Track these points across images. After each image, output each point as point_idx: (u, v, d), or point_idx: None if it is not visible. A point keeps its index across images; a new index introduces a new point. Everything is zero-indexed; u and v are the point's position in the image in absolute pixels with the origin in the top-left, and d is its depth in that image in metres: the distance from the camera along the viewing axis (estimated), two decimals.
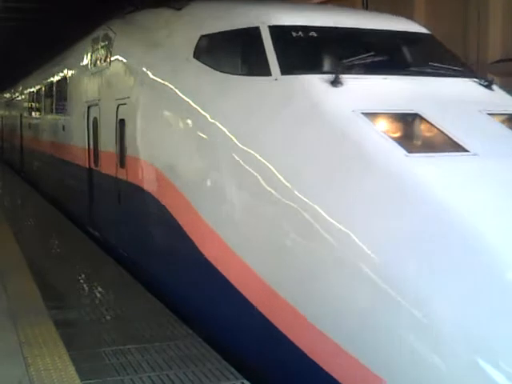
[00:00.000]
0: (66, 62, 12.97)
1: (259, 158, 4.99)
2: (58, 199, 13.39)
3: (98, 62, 9.47)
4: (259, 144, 5.11)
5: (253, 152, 5.08)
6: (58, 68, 14.11)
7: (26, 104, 20.28)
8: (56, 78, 13.98)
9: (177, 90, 6.46)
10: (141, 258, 7.58)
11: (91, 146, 9.91)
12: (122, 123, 8.03)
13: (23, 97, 21.27)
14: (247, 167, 5.08)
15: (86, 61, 10.48)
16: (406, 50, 6.26)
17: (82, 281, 7.48)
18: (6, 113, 27.37)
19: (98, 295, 6.85)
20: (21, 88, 22.25)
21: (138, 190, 7.33)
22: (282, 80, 5.44)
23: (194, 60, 6.36)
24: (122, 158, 8.08)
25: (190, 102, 6.15)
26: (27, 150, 19.49)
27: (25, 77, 22.12)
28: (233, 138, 5.35)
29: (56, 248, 9.40)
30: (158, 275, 6.97)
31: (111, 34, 8.99)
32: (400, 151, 4.47)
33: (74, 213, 11.51)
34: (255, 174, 4.96)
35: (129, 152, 7.71)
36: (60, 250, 9.22)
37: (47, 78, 15.43)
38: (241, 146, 5.23)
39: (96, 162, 9.61)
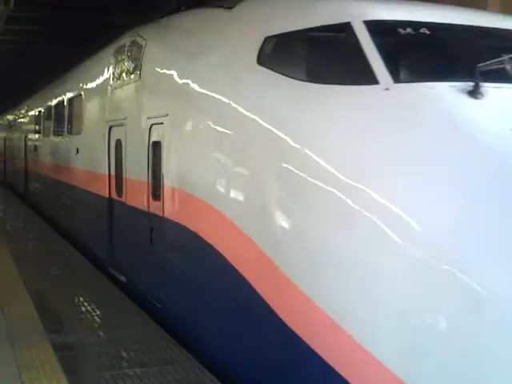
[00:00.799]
0: (81, 78, 11.59)
1: (379, 198, 3.57)
2: (69, 230, 11.94)
3: (124, 74, 8.09)
4: (377, 179, 3.68)
5: (367, 189, 3.65)
6: (70, 85, 12.75)
7: (31, 125, 18.94)
8: (68, 96, 12.58)
9: (238, 105, 5.06)
10: (180, 312, 6.14)
11: (112, 173, 8.50)
12: (156, 146, 6.62)
13: (28, 118, 19.93)
14: (359, 209, 3.65)
15: (106, 74, 9.10)
16: None
17: (80, 304, 7.37)
18: (9, 135, 26.03)
19: (97, 318, 6.76)
20: (25, 108, 20.94)
21: (180, 230, 5.90)
22: (396, 90, 4.04)
23: (259, 67, 4.98)
24: (155, 189, 6.65)
25: (260, 119, 4.74)
26: (32, 175, 18.07)
27: (30, 96, 20.88)
28: (333, 169, 3.91)
29: (55, 270, 9.18)
30: (208, 337, 5.54)
31: (141, 41, 7.62)
32: None
33: (90, 249, 10.04)
34: (374, 219, 3.53)
35: (166, 182, 6.28)
36: (59, 273, 9.05)
37: (57, 97, 14.08)
38: (346, 180, 3.80)
39: (119, 191, 8.18)
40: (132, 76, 7.67)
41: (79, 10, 14.35)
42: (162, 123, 6.41)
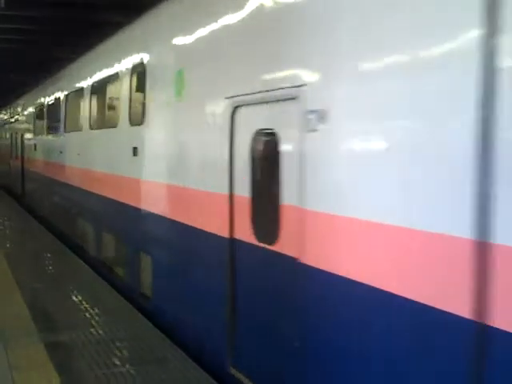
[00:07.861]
0: None
1: None
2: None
3: None
4: None
5: None
6: None
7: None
8: None
9: None
10: None
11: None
12: None
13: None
14: None
15: None
16: None
17: (73, 303, 7.35)
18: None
19: (89, 317, 6.71)
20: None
21: None
22: None
23: None
24: None
25: None
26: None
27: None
28: None
29: (47, 270, 9.18)
30: None
31: None
32: None
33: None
34: None
35: None
36: (51, 272, 9.02)
37: None
38: None
39: None
40: None
41: (69, 8, 14.31)
42: None
